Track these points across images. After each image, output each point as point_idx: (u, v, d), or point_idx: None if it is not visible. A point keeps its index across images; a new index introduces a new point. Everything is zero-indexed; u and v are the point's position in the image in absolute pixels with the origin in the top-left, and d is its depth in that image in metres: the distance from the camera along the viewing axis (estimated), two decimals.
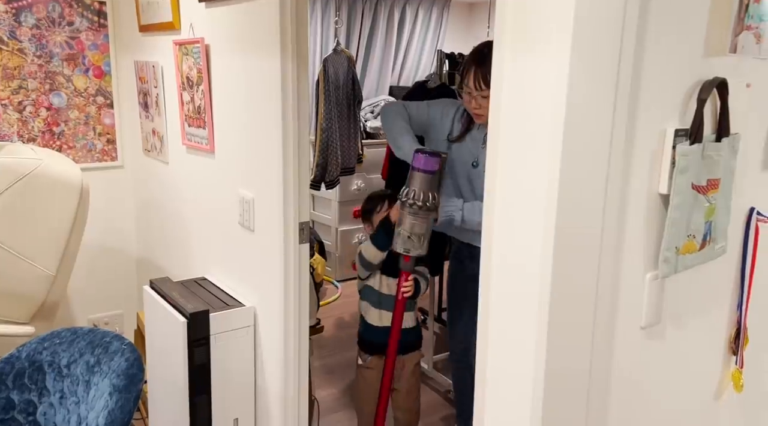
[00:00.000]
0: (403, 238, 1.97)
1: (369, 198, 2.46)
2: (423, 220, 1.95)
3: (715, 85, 1.22)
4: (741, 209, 1.41)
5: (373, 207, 2.37)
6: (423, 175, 1.92)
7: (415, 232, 1.95)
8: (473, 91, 1.95)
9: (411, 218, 1.93)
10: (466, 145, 2.10)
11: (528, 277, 1.12)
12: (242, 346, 2.07)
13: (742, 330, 1.47)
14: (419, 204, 1.92)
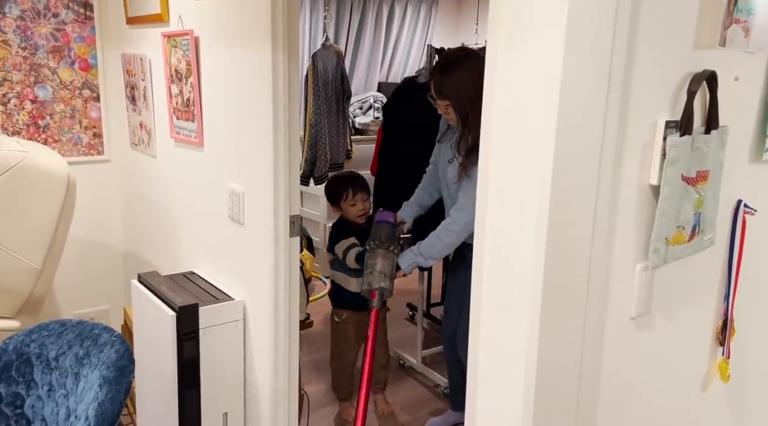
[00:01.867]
0: (372, 276, 2.06)
1: (333, 181, 2.53)
2: (388, 260, 2.09)
3: (705, 78, 1.23)
4: (729, 201, 1.43)
5: (338, 193, 2.48)
6: (384, 225, 2.19)
7: (383, 270, 2.06)
8: (437, 102, 2.06)
9: (380, 259, 2.08)
10: (446, 147, 2.22)
11: (520, 268, 1.13)
12: (232, 339, 2.06)
13: (729, 321, 1.49)
14: (385, 245, 2.12)
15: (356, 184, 2.49)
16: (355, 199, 2.47)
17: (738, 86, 1.35)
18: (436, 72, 2.06)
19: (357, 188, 2.47)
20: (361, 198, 2.49)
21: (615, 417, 1.31)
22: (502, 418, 1.21)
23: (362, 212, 2.49)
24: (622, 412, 1.33)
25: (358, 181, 2.50)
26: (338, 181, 2.53)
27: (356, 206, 2.48)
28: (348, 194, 2.45)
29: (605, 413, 1.28)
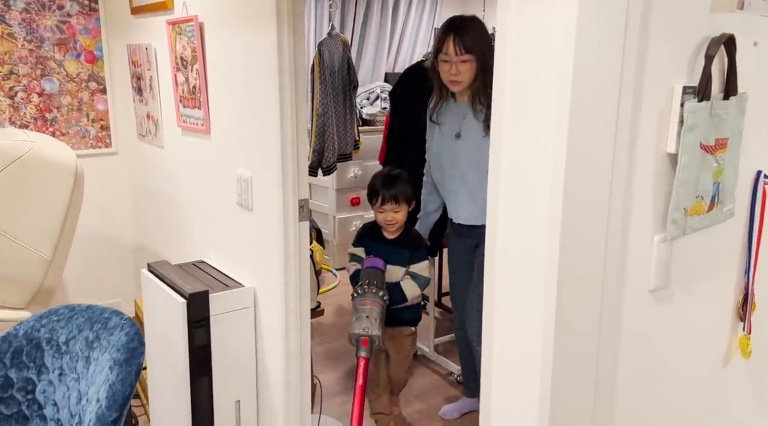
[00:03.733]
0: (365, 322, 1.99)
1: (375, 176, 2.29)
2: (378, 306, 2.03)
3: (723, 42, 1.20)
4: (748, 172, 1.40)
5: (371, 193, 2.26)
6: (372, 271, 2.12)
7: (373, 316, 2.00)
8: (453, 58, 2.05)
9: (370, 305, 2.03)
10: (446, 120, 2.22)
11: (536, 240, 1.10)
12: (243, 326, 2.05)
13: (750, 295, 1.45)
14: (374, 290, 2.05)
15: (391, 188, 2.21)
16: (383, 207, 2.21)
17: (757, 51, 1.32)
18: (450, 34, 2.06)
19: (389, 196, 2.20)
20: (391, 208, 2.20)
21: (634, 390, 1.28)
22: (518, 397, 1.18)
23: (390, 223, 2.22)
24: (642, 386, 1.30)
25: (395, 186, 2.21)
26: (377, 178, 2.28)
27: (384, 215, 2.22)
28: (377, 199, 2.21)
29: (624, 387, 1.25)
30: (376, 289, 2.05)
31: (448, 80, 2.12)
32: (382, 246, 2.23)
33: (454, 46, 2.05)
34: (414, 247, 2.25)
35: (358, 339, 1.97)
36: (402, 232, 2.26)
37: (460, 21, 2.11)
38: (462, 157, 2.18)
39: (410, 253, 2.22)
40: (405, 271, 2.20)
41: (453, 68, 2.08)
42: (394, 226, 2.23)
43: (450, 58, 2.07)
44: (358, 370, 1.94)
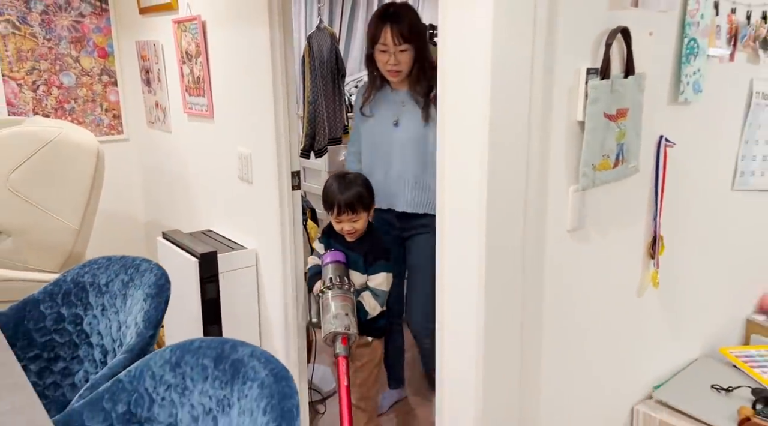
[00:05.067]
0: (337, 321, 1.83)
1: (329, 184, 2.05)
2: (349, 299, 1.90)
3: (619, 32, 1.53)
4: (652, 137, 1.72)
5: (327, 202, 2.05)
6: (336, 265, 1.98)
7: (343, 312, 1.85)
8: (391, 48, 2.05)
9: (339, 301, 1.88)
10: (381, 110, 2.21)
11: (471, 189, 1.43)
12: (246, 282, 2.39)
13: (658, 238, 1.79)
14: (338, 285, 1.91)
15: (347, 195, 1.98)
16: (340, 217, 2.01)
17: (653, 40, 1.64)
18: (386, 24, 2.04)
19: (345, 205, 1.98)
20: (348, 218, 2.00)
21: (559, 315, 1.61)
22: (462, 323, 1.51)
23: (350, 233, 2.03)
24: (566, 313, 1.63)
25: (352, 193, 1.99)
26: (330, 184, 2.04)
27: (341, 225, 2.03)
28: (333, 212, 2.02)
29: (550, 311, 1.58)
30: (341, 282, 1.91)
31: (387, 70, 2.11)
32: (341, 248, 2.08)
33: (392, 36, 2.03)
34: (372, 257, 2.03)
35: (335, 337, 1.81)
36: (362, 237, 2.06)
37: (394, 9, 2.08)
38: (403, 146, 2.15)
39: (366, 262, 2.03)
40: (364, 283, 2.03)
41: (392, 58, 2.06)
42: (354, 235, 2.04)
43: (388, 48, 2.05)
44: (339, 370, 1.78)
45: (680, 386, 1.88)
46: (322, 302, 1.91)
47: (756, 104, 1.96)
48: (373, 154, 2.25)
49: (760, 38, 1.89)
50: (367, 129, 2.27)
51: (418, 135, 2.14)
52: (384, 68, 2.12)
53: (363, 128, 2.29)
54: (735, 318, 2.16)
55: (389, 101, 2.20)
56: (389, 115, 2.19)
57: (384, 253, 2.05)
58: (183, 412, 1.20)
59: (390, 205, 2.26)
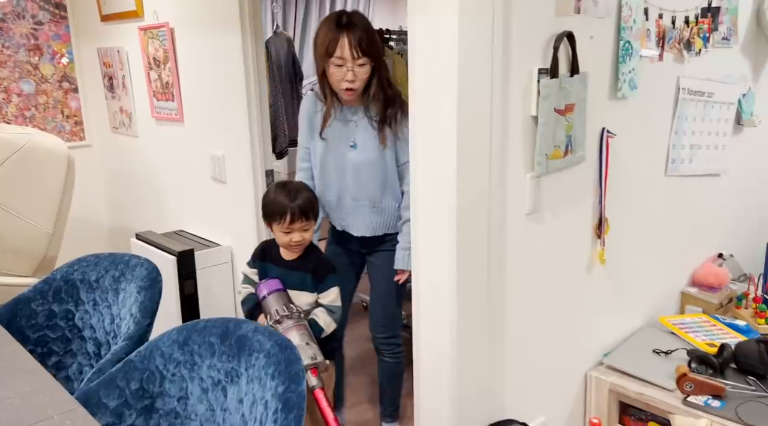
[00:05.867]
0: (301, 349, 1.67)
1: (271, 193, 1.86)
2: (303, 326, 1.77)
3: (565, 37, 1.73)
4: (596, 128, 1.94)
5: (272, 213, 1.83)
6: (277, 294, 1.81)
7: (306, 340, 1.73)
8: (348, 62, 1.81)
9: (295, 330, 1.75)
10: (337, 132, 1.97)
11: (442, 178, 1.59)
12: (223, 278, 2.49)
13: (603, 219, 2.01)
14: (288, 314, 1.77)
15: (300, 202, 1.81)
16: (292, 226, 1.81)
17: (594, 43, 1.85)
18: (344, 32, 1.80)
19: (299, 212, 1.81)
20: (301, 227, 1.82)
21: (519, 290, 1.80)
22: (439, 287, 1.67)
23: (298, 244, 1.85)
24: (525, 286, 1.82)
25: (303, 199, 1.83)
26: (277, 193, 1.84)
27: (291, 235, 1.83)
28: (284, 217, 1.80)
29: (512, 287, 1.77)
30: (289, 312, 1.77)
31: (343, 88, 1.85)
32: (278, 268, 1.89)
33: (350, 48, 1.80)
34: (320, 273, 1.87)
35: (305, 370, 1.61)
36: (303, 253, 1.89)
37: (348, 18, 1.83)
38: (359, 168, 1.96)
39: (314, 278, 1.87)
40: (314, 301, 1.88)
41: (350, 73, 1.82)
42: (301, 247, 1.87)
43: (345, 61, 1.81)
44: (320, 405, 1.68)
45: (626, 352, 2.11)
46: None
47: (683, 99, 2.21)
48: (326, 174, 2.02)
49: (684, 40, 2.14)
50: (320, 148, 2.00)
51: (375, 157, 1.95)
52: (338, 85, 1.86)
53: (315, 146, 2.02)
54: (671, 291, 2.41)
55: (343, 120, 1.97)
56: (344, 136, 1.97)
57: (332, 267, 1.91)
58: (193, 385, 1.31)
59: (344, 227, 2.08)
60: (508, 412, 1.82)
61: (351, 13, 1.88)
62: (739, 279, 2.48)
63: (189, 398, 1.31)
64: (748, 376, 1.91)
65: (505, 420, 1.78)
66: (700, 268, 2.47)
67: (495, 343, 1.76)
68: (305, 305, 1.87)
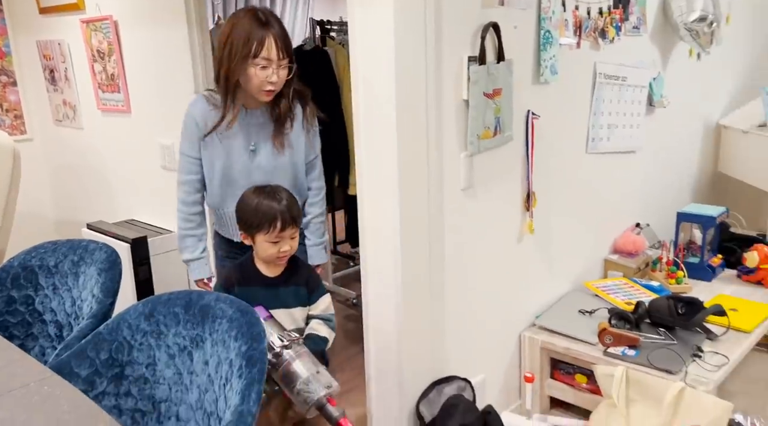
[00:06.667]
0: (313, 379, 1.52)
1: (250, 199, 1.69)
2: (305, 354, 1.57)
3: (491, 27, 1.90)
4: (522, 111, 2.12)
5: (256, 222, 1.65)
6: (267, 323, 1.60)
7: (316, 367, 1.55)
8: (274, 63, 1.69)
9: (300, 359, 1.55)
10: (241, 137, 1.80)
11: (385, 159, 1.74)
12: (177, 264, 2.55)
13: (531, 193, 2.21)
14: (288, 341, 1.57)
15: (286, 206, 1.66)
16: (283, 234, 1.64)
17: (517, 32, 2.04)
18: (270, 31, 1.68)
19: (290, 218, 1.65)
20: (290, 234, 1.66)
21: (457, 260, 1.97)
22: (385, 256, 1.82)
23: (286, 255, 1.69)
24: (463, 256, 2.00)
25: (290, 204, 1.68)
26: (260, 199, 1.66)
27: (280, 244, 1.65)
28: (274, 225, 1.63)
29: (450, 258, 1.94)
30: (288, 339, 1.57)
31: (265, 90, 1.71)
32: (262, 289, 1.70)
33: (277, 50, 1.68)
34: (314, 282, 1.76)
35: (320, 405, 1.51)
36: (287, 264, 1.73)
37: (267, 16, 1.71)
38: (264, 175, 1.82)
39: (309, 290, 1.75)
40: (305, 314, 1.75)
41: (274, 75, 1.70)
42: (285, 259, 1.71)
43: (272, 62, 1.68)
44: None
45: (555, 313, 2.32)
46: (283, 372, 1.53)
47: (600, 83, 2.44)
48: (229, 184, 1.83)
49: (598, 29, 2.36)
50: (219, 156, 1.81)
51: (285, 158, 1.84)
52: (260, 87, 1.70)
53: (212, 155, 1.82)
54: (595, 258, 2.65)
55: (247, 124, 1.81)
56: (249, 141, 1.81)
57: (317, 275, 1.81)
58: (160, 352, 1.42)
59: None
60: (452, 370, 2.00)
61: (267, 11, 1.76)
62: (654, 245, 2.75)
63: (157, 364, 1.42)
64: (659, 328, 2.15)
65: (448, 377, 1.96)
66: (620, 237, 2.72)
67: (437, 308, 1.93)
68: (300, 322, 1.72)
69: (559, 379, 2.24)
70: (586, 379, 2.14)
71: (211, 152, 1.83)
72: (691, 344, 2.05)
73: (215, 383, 1.35)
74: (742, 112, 3.36)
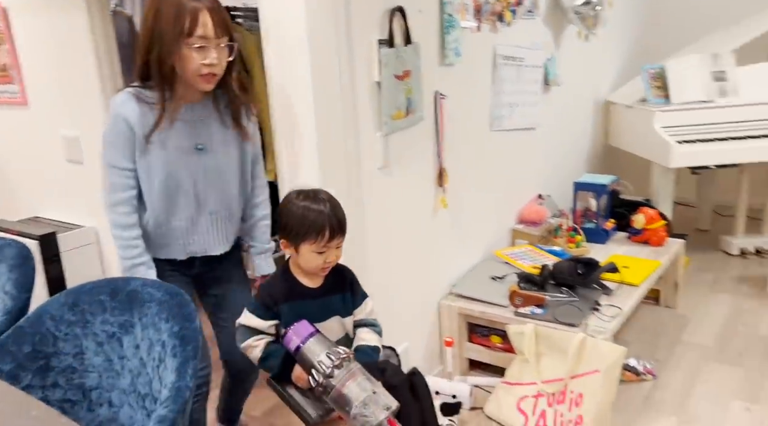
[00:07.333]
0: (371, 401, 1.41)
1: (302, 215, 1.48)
2: (359, 372, 1.44)
3: (397, 11, 1.99)
4: (430, 92, 2.23)
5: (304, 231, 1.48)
6: (313, 340, 1.46)
7: (372, 387, 1.43)
8: (212, 41, 1.49)
9: (354, 379, 1.42)
10: (183, 137, 1.59)
11: (305, 140, 1.79)
12: (89, 260, 2.49)
13: (442, 170, 2.33)
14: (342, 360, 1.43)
15: (333, 213, 1.50)
16: (330, 244, 1.50)
17: (422, 16, 2.14)
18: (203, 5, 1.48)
19: (338, 226, 1.50)
20: (337, 244, 1.53)
21: (377, 234, 2.06)
22: None
23: (328, 266, 1.55)
24: (382, 231, 2.09)
25: (336, 209, 1.52)
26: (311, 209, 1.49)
27: (326, 254, 1.51)
28: (322, 237, 1.48)
29: (371, 232, 2.02)
30: (345, 352, 1.45)
31: (202, 74, 1.51)
32: (309, 302, 1.55)
33: (215, 27, 1.48)
34: (358, 287, 1.64)
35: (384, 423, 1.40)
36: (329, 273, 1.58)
37: None
38: (214, 174, 1.64)
39: (350, 294, 1.62)
40: (350, 322, 1.63)
41: (213, 56, 1.49)
42: (328, 270, 1.57)
43: (209, 41, 1.48)
44: None
45: (470, 281, 2.48)
46: (336, 394, 1.41)
47: (500, 64, 2.60)
48: (175, 194, 1.61)
49: (496, 13, 2.51)
50: (154, 163, 1.57)
51: (235, 157, 1.68)
52: (198, 70, 1.50)
53: (151, 162, 1.58)
54: (503, 228, 2.84)
55: (186, 121, 1.59)
56: (188, 138, 1.59)
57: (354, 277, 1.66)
58: (88, 341, 1.41)
59: (192, 253, 1.69)
60: None
61: None
62: (555, 214, 2.97)
63: (85, 353, 1.41)
64: (562, 287, 2.35)
65: None
66: (525, 208, 2.93)
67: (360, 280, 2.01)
68: (351, 330, 1.62)
69: (476, 341, 2.40)
70: (501, 339, 2.30)
71: (150, 159, 1.57)
72: (590, 300, 2.27)
73: (148, 365, 1.36)
74: (626, 88, 3.67)
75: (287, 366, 1.52)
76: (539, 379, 2.05)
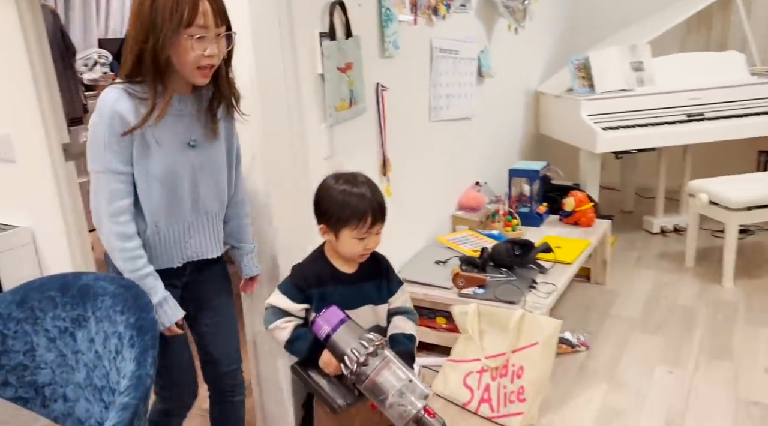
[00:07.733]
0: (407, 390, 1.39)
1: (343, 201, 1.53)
2: (392, 362, 1.43)
3: (337, 4, 2.04)
4: (372, 84, 2.30)
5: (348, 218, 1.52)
6: (344, 328, 1.46)
7: (407, 376, 1.42)
8: (211, 31, 1.40)
9: (388, 368, 1.40)
10: (176, 133, 1.49)
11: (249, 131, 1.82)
12: (26, 261, 2.41)
13: (386, 160, 2.40)
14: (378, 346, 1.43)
15: (376, 199, 1.54)
16: (371, 231, 1.53)
17: (362, 10, 2.20)
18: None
19: (380, 212, 1.53)
20: (377, 230, 1.56)
21: None
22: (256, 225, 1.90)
23: (367, 253, 1.57)
24: None
25: (377, 192, 1.57)
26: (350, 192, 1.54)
27: (366, 241, 1.54)
28: (364, 223, 1.50)
29: None
30: (378, 339, 1.44)
31: (203, 65, 1.42)
32: (343, 287, 1.56)
33: (214, 14, 1.40)
34: (393, 273, 1.64)
35: (420, 415, 1.39)
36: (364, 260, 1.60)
37: None
38: (208, 171, 1.56)
39: (386, 281, 1.63)
40: (383, 311, 1.62)
41: (210, 47, 1.41)
42: (367, 256, 1.59)
43: (209, 31, 1.40)
44: None
45: (415, 266, 2.57)
46: (370, 384, 1.40)
47: (436, 56, 2.69)
48: (168, 195, 1.50)
49: (432, 7, 2.60)
50: (152, 162, 1.46)
51: (220, 154, 1.59)
52: (197, 62, 1.41)
53: (149, 162, 1.46)
54: (445, 215, 2.95)
55: (176, 115, 1.49)
56: (180, 134, 1.50)
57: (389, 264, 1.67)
58: (39, 337, 1.39)
59: (188, 259, 1.59)
60: None
61: None
62: (492, 200, 3.11)
63: (36, 349, 1.39)
64: (501, 268, 2.48)
65: None
66: (464, 195, 3.05)
67: None
68: (384, 319, 1.59)
69: (423, 324, 2.49)
70: (446, 320, 2.41)
71: (149, 159, 1.45)
72: (527, 278, 2.40)
73: (104, 358, 1.37)
74: (554, 79, 3.87)
75: (314, 351, 1.51)
76: (483, 355, 2.17)
